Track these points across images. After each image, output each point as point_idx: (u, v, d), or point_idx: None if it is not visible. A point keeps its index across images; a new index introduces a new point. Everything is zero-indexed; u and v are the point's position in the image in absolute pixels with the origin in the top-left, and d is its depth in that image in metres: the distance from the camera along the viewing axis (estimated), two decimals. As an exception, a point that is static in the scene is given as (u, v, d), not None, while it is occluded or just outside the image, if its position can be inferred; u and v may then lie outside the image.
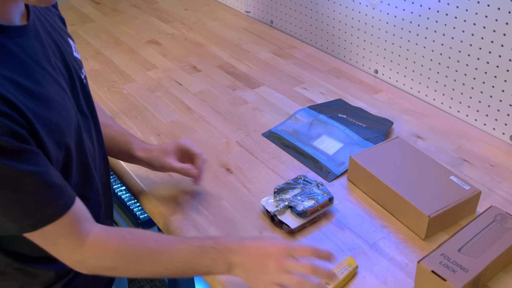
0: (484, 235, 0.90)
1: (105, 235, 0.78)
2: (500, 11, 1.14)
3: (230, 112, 1.38)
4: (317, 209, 0.99)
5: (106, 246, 0.78)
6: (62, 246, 0.76)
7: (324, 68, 1.61)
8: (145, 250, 0.79)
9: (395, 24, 1.42)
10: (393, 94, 1.46)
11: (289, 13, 1.81)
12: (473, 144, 1.24)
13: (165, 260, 0.79)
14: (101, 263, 0.78)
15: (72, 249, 0.76)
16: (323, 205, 1.00)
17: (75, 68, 0.86)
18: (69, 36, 0.91)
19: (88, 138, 0.89)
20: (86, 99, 0.90)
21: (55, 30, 0.85)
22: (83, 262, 0.77)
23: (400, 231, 1.00)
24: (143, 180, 1.13)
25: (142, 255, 0.79)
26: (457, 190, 1.00)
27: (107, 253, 0.78)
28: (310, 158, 1.19)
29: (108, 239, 0.78)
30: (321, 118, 1.32)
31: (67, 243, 0.75)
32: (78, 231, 0.76)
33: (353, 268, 0.89)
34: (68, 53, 0.85)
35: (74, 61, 0.87)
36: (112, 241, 0.78)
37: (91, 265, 0.78)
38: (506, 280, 0.89)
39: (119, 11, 2.07)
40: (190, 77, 1.56)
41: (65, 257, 0.77)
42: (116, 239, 0.79)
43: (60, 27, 0.88)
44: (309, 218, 0.99)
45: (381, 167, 1.06)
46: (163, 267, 0.80)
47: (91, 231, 0.77)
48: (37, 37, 0.77)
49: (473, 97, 1.29)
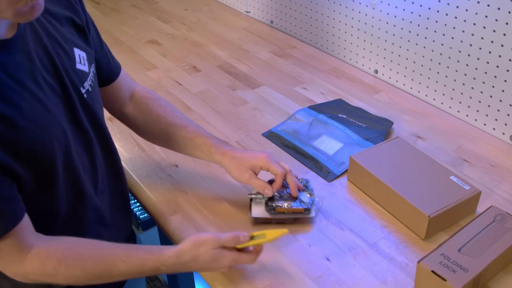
0: (484, 235, 0.90)
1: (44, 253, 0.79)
2: (500, 11, 1.14)
3: (230, 112, 1.38)
4: (284, 212, 0.98)
5: (44, 266, 0.79)
6: (4, 261, 0.78)
7: (324, 68, 1.61)
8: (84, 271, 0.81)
9: (395, 24, 1.42)
10: (393, 94, 1.46)
11: (289, 13, 1.81)
12: (473, 144, 1.24)
13: (104, 277, 0.82)
14: (41, 279, 0.80)
15: (13, 264, 0.78)
16: (294, 211, 0.98)
17: (74, 82, 0.83)
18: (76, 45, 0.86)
19: (85, 154, 0.87)
20: (88, 114, 0.87)
21: (53, 43, 0.80)
22: (24, 275, 0.80)
23: (400, 231, 1.00)
24: (143, 180, 1.13)
25: (80, 275, 0.81)
26: (457, 190, 1.00)
27: (45, 272, 0.79)
28: (310, 158, 1.19)
29: (46, 259, 0.79)
30: (321, 118, 1.32)
31: (9, 257, 0.77)
32: (21, 248, 0.77)
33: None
34: (66, 66, 0.81)
35: (75, 75, 0.83)
36: (49, 261, 0.79)
37: (31, 279, 0.80)
38: (506, 280, 0.89)
39: (119, 11, 2.07)
40: (190, 77, 1.56)
41: (7, 270, 0.79)
42: (53, 259, 0.79)
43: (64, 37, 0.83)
44: (274, 216, 0.98)
45: (381, 167, 1.06)
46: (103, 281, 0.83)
47: (32, 246, 0.78)
48: (24, 51, 0.74)
49: (473, 97, 1.29)
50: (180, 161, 1.18)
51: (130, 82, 1.07)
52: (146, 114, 1.05)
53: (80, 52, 0.86)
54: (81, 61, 0.86)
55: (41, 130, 0.75)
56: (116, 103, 1.05)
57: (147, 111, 1.05)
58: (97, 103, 0.90)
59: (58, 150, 0.78)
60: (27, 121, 0.72)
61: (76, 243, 0.82)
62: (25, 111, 0.72)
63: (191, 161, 1.18)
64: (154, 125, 1.04)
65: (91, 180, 0.89)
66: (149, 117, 1.05)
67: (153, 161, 1.19)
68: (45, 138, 0.76)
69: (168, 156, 1.20)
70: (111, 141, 0.96)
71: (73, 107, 0.83)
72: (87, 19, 0.92)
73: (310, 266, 0.92)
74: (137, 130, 1.08)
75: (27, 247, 0.77)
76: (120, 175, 1.01)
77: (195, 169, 1.16)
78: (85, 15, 0.91)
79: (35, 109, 0.74)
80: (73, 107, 0.82)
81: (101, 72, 0.98)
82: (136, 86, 1.08)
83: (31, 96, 0.74)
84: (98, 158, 0.91)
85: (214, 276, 0.90)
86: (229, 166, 0.98)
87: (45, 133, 0.76)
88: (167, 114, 1.04)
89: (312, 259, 0.93)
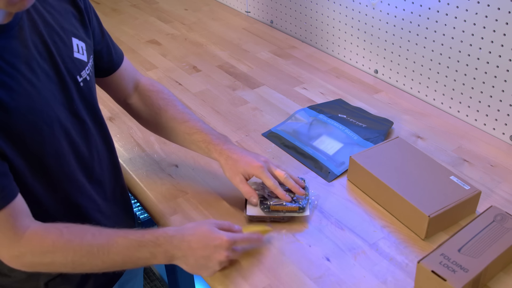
0: (484, 235, 0.90)
1: (42, 230, 0.79)
2: (500, 11, 1.14)
3: (230, 112, 1.38)
4: (279, 210, 0.98)
5: (42, 241, 0.78)
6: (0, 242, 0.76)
7: (324, 68, 1.61)
8: (82, 245, 0.80)
9: (395, 24, 1.42)
10: (393, 94, 1.46)
11: (289, 13, 1.81)
12: (473, 144, 1.24)
13: (102, 254, 0.80)
14: (38, 259, 0.79)
15: (9, 245, 0.76)
16: (288, 209, 0.98)
17: (70, 71, 0.84)
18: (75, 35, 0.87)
19: (83, 144, 0.87)
20: (85, 103, 0.88)
21: (51, 31, 0.82)
22: (20, 258, 0.78)
23: (400, 231, 1.00)
24: (143, 180, 1.13)
25: (79, 249, 0.80)
26: (457, 190, 1.00)
27: (43, 248, 0.78)
28: (310, 158, 1.19)
29: (45, 234, 0.79)
30: (321, 118, 1.32)
31: (4, 238, 0.76)
32: (16, 227, 0.76)
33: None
34: (62, 54, 0.83)
35: (71, 63, 0.84)
36: (48, 236, 0.79)
37: (28, 261, 0.79)
38: (506, 280, 0.89)
39: (119, 11, 2.07)
40: (190, 77, 1.56)
41: (2, 252, 0.78)
42: (53, 234, 0.79)
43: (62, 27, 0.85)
44: (269, 214, 0.98)
45: (381, 167, 1.06)
46: (101, 261, 0.81)
47: (29, 226, 0.78)
48: (19, 38, 0.75)
49: (473, 97, 1.29)
50: (180, 161, 1.18)
51: (135, 73, 1.08)
52: (149, 107, 1.06)
53: (79, 42, 0.87)
54: (79, 51, 0.87)
55: (31, 114, 0.76)
56: (120, 93, 1.06)
57: (150, 104, 1.06)
58: (95, 93, 0.92)
59: (48, 135, 0.79)
60: (18, 103, 0.73)
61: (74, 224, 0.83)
62: (16, 94, 0.73)
63: (191, 161, 1.18)
64: (156, 118, 1.06)
65: (85, 168, 0.89)
66: (152, 109, 1.06)
67: (153, 161, 1.19)
68: (36, 122, 0.77)
69: (168, 156, 1.20)
70: (109, 133, 0.97)
71: (69, 95, 0.84)
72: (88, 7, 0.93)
73: (310, 266, 0.92)
74: (141, 121, 1.10)
75: (23, 226, 0.77)
76: (118, 169, 1.02)
77: (195, 169, 1.16)
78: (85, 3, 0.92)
79: (27, 93, 0.75)
80: (69, 95, 0.84)
81: (102, 61, 0.99)
82: (141, 77, 1.09)
83: (24, 80, 0.75)
84: (95, 148, 0.91)
85: (214, 276, 0.90)
86: (224, 165, 0.99)
87: (34, 117, 0.76)
88: (168, 108, 1.05)
89: (312, 259, 0.93)
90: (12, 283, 0.89)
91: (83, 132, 0.88)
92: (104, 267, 0.82)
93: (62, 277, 0.91)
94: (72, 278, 0.92)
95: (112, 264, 0.82)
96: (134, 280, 1.16)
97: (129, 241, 0.82)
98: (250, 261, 0.92)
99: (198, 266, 0.86)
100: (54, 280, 0.90)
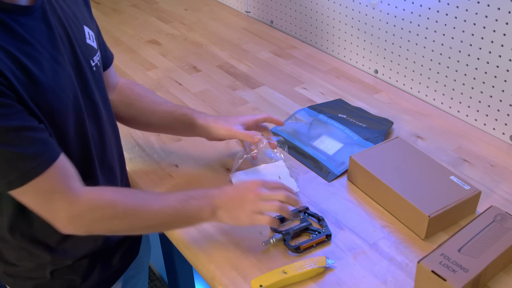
0: (484, 235, 0.90)
1: (98, 189, 0.82)
2: (500, 11, 1.14)
3: (230, 112, 1.38)
4: (311, 245, 0.95)
5: (102, 196, 0.80)
6: (57, 203, 0.76)
7: (324, 68, 1.61)
8: (138, 198, 0.84)
9: (395, 24, 1.42)
10: (393, 94, 1.46)
11: (289, 13, 1.81)
12: (473, 144, 1.24)
13: (157, 207, 0.83)
14: (99, 214, 0.79)
15: (68, 205, 0.76)
16: (318, 242, 0.95)
17: (85, 55, 0.87)
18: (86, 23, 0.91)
19: (94, 125, 0.89)
20: (98, 86, 0.90)
21: (67, 16, 0.85)
22: (81, 216, 0.78)
23: (400, 231, 1.00)
24: (143, 180, 1.13)
25: (136, 202, 0.83)
26: (457, 190, 1.00)
27: (103, 203, 0.79)
28: (310, 158, 1.19)
29: (102, 191, 0.81)
30: (321, 118, 1.32)
31: (62, 198, 0.76)
32: (70, 186, 0.76)
33: (319, 267, 0.88)
34: (77, 39, 0.86)
35: (85, 48, 0.88)
36: (106, 192, 0.81)
37: (89, 219, 0.79)
38: (506, 280, 0.89)
39: (119, 11, 2.07)
40: (190, 77, 1.56)
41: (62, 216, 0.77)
42: (110, 191, 0.82)
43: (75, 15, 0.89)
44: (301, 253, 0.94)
45: (381, 167, 1.06)
46: (155, 214, 0.84)
47: (83, 187, 0.79)
48: (44, 19, 0.78)
49: (473, 97, 1.29)
50: (180, 161, 1.18)
51: (115, 73, 1.12)
52: (129, 96, 1.08)
53: (89, 30, 0.91)
54: (90, 38, 0.90)
55: (58, 89, 0.78)
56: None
57: (130, 92, 1.09)
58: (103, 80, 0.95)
59: (71, 112, 0.81)
60: (46, 77, 0.76)
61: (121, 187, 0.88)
62: (45, 68, 0.76)
63: (191, 161, 1.18)
64: (136, 104, 1.07)
65: (98, 153, 0.91)
66: (132, 97, 1.08)
67: (153, 161, 1.19)
68: (61, 97, 0.79)
69: (168, 156, 1.20)
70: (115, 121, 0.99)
71: (84, 77, 0.86)
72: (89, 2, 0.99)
73: (310, 266, 0.92)
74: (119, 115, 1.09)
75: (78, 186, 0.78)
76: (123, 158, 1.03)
77: (195, 169, 1.16)
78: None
79: (54, 68, 0.78)
80: (84, 77, 0.86)
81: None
82: (119, 78, 1.13)
83: (51, 58, 0.78)
84: (106, 134, 0.93)
85: (214, 276, 0.90)
86: (215, 126, 1.04)
87: (61, 92, 0.79)
88: (148, 94, 1.10)
89: (312, 259, 0.93)
90: (19, 272, 0.90)
91: (96, 115, 0.90)
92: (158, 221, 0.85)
93: (68, 267, 0.92)
94: (79, 269, 0.93)
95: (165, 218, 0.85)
96: (139, 276, 1.16)
97: (179, 194, 0.87)
98: (250, 261, 0.93)
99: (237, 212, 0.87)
100: (60, 269, 0.91)
